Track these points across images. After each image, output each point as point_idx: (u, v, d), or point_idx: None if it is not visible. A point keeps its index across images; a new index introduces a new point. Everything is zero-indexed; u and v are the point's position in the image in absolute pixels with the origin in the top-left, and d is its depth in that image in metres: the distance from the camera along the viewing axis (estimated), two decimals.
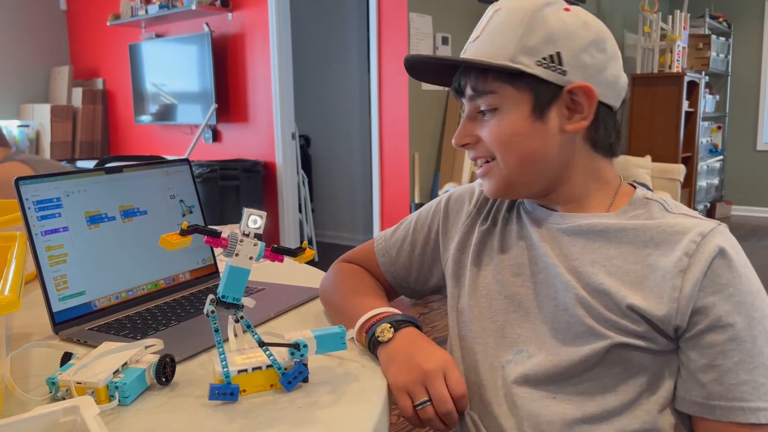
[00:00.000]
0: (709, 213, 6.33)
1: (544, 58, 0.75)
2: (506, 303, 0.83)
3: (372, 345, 0.80)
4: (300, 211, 4.56)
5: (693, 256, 0.71)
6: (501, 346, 0.82)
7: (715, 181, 6.40)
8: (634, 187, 0.84)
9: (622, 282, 0.74)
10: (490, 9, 0.81)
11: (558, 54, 0.75)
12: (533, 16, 0.76)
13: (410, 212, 4.33)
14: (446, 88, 4.08)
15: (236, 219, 0.93)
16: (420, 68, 0.86)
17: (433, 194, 4.14)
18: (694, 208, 5.66)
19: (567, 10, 0.78)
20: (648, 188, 0.85)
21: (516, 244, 0.85)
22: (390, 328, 0.79)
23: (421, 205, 4.06)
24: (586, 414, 0.74)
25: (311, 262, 0.82)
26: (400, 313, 0.83)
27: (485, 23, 0.80)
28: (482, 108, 0.80)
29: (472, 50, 0.80)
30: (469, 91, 0.81)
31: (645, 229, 0.76)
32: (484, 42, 0.79)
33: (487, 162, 0.83)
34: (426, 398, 0.73)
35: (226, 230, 0.71)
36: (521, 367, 0.79)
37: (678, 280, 0.71)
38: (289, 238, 4.39)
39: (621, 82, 0.81)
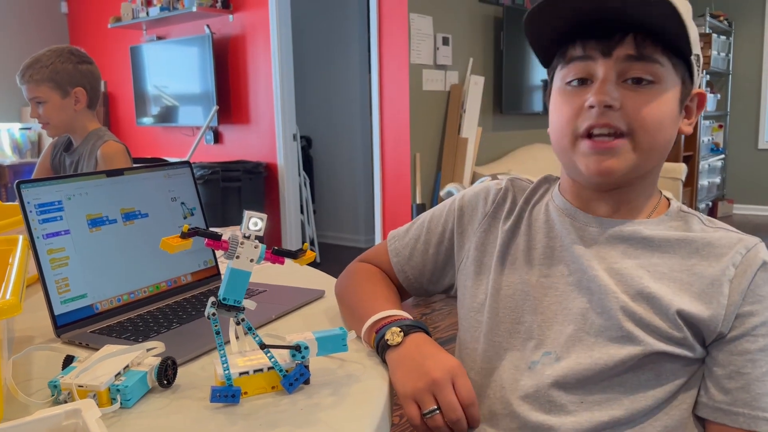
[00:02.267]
0: (711, 212, 6.33)
1: (696, 55, 0.75)
2: (534, 304, 0.81)
3: (380, 348, 0.79)
4: (302, 212, 4.57)
5: (739, 267, 0.73)
6: (526, 347, 0.80)
7: (717, 179, 6.40)
8: (668, 199, 0.85)
9: (669, 288, 0.74)
10: None
11: (698, 56, 0.76)
12: (691, 15, 0.74)
13: (411, 212, 4.30)
14: (446, 89, 4.11)
15: (238, 220, 0.94)
16: (547, 15, 0.74)
17: (434, 195, 4.15)
18: (696, 207, 5.66)
19: None
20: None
21: (545, 244, 0.83)
22: (400, 332, 0.78)
23: (422, 205, 4.07)
24: (613, 417, 0.73)
25: (312, 264, 0.82)
26: (411, 318, 0.82)
27: None
28: (639, 74, 0.72)
29: None
30: (627, 51, 0.72)
31: (690, 240, 0.77)
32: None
33: (617, 138, 0.74)
34: (434, 406, 0.71)
35: (227, 232, 0.72)
36: (549, 370, 0.77)
37: (726, 288, 0.72)
38: (290, 239, 4.39)
39: None
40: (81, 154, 1.91)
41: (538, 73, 4.76)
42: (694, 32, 0.74)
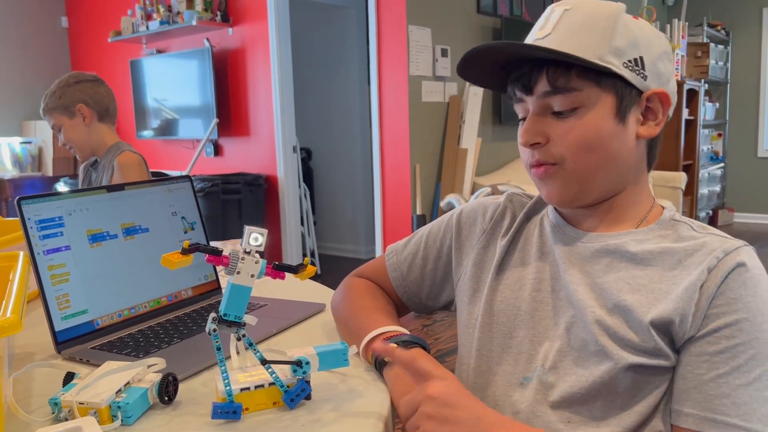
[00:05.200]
0: (712, 220, 6.33)
1: (630, 61, 0.75)
2: (525, 319, 0.81)
3: (378, 364, 0.79)
4: (302, 223, 4.57)
5: (712, 270, 0.71)
6: (519, 362, 0.80)
7: (717, 188, 6.40)
8: (663, 207, 0.84)
9: (645, 299, 0.73)
10: (557, 7, 0.78)
11: (641, 58, 0.75)
12: (617, 19, 0.75)
13: (412, 223, 4.28)
14: (445, 101, 4.12)
15: (238, 233, 0.94)
16: (476, 63, 0.79)
17: (434, 205, 4.15)
18: (696, 216, 5.66)
19: (636, 18, 0.78)
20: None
21: (537, 259, 0.84)
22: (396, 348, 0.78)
23: (422, 216, 4.07)
24: None
25: (313, 276, 0.82)
26: (408, 333, 0.82)
27: (556, 20, 0.77)
28: (558, 108, 0.76)
29: (548, 46, 0.75)
30: (543, 88, 0.76)
31: (673, 252, 0.76)
32: (562, 38, 0.75)
33: (552, 165, 0.78)
34: None
35: (227, 247, 0.72)
36: (538, 387, 0.77)
37: (696, 293, 0.71)
38: (291, 251, 4.38)
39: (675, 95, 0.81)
40: (103, 167, 1.98)
41: None
42: (620, 40, 0.74)
